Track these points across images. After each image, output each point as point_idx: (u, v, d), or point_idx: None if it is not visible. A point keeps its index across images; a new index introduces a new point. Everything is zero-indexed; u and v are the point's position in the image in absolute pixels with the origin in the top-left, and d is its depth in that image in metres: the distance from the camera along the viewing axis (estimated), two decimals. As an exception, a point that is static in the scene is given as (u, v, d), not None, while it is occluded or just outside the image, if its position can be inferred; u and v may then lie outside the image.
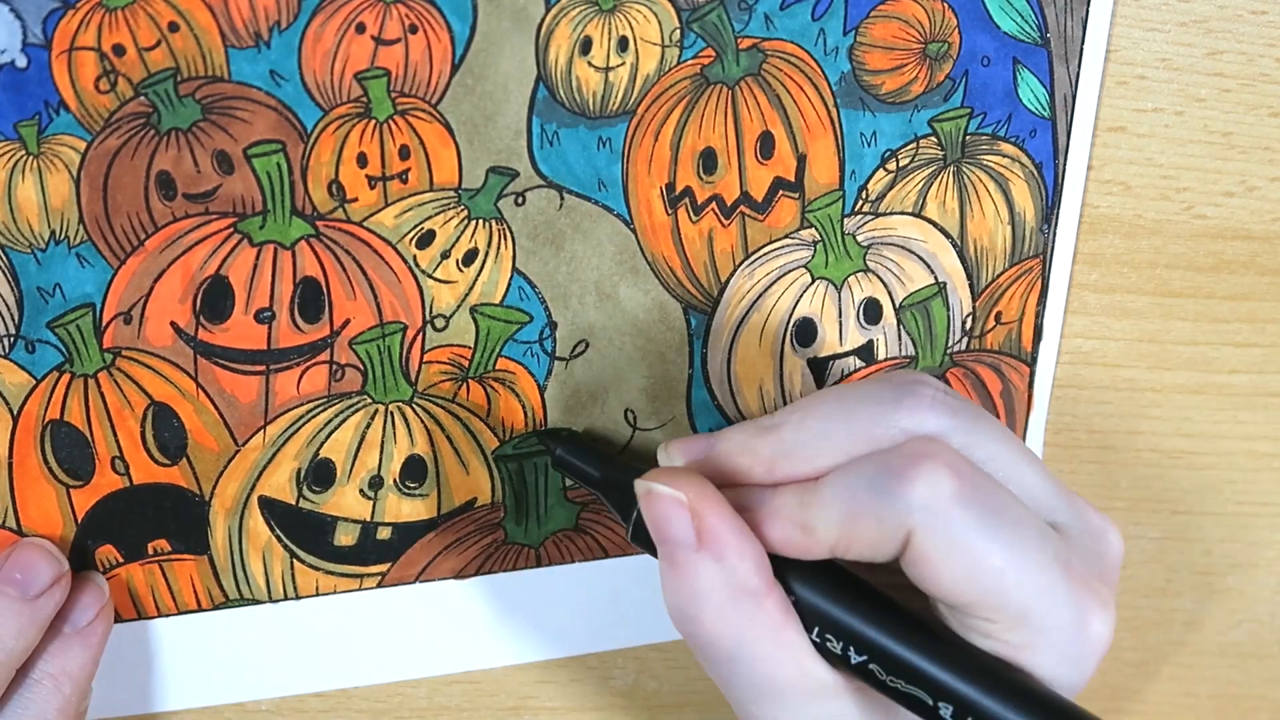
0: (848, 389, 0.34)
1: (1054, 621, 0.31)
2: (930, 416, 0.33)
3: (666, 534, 0.33)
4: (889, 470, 0.31)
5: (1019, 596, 0.31)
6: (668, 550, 0.33)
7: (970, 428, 0.33)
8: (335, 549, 0.39)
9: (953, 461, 0.31)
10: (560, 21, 0.36)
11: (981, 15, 0.39)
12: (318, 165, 0.35)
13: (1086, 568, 0.33)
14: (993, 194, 0.41)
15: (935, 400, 0.33)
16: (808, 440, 0.33)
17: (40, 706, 0.35)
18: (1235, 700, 0.53)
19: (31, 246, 0.34)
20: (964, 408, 0.33)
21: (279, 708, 0.42)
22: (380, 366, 0.38)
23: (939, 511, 0.31)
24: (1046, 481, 0.33)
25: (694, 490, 0.33)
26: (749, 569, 0.32)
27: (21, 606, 0.35)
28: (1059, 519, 0.33)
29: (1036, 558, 0.31)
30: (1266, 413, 0.47)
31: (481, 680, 0.44)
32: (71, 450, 0.36)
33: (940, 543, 0.31)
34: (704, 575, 0.32)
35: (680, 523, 0.33)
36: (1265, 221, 0.44)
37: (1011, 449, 0.33)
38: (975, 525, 0.31)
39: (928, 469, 0.31)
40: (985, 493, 0.31)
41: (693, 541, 0.33)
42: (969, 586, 0.31)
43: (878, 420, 0.33)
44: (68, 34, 0.32)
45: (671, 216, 0.39)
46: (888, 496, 0.31)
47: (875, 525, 0.31)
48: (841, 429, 0.33)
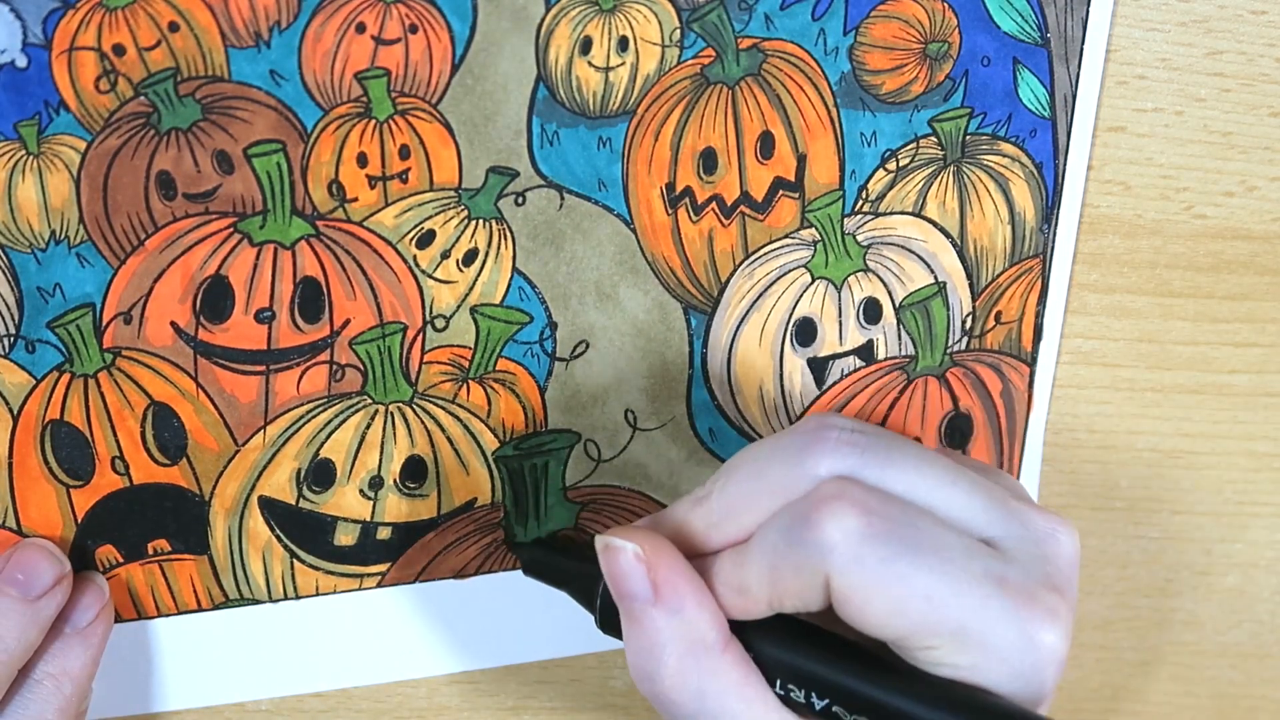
0: (761, 446, 0.34)
1: (996, 639, 0.31)
2: (836, 459, 0.33)
3: (624, 589, 0.33)
4: (798, 518, 0.32)
5: (952, 619, 0.31)
6: (626, 606, 0.33)
7: (883, 460, 0.33)
8: (335, 549, 0.39)
9: (859, 499, 0.31)
10: (560, 21, 0.36)
11: (981, 15, 0.39)
12: (318, 165, 0.35)
13: (1028, 578, 0.32)
14: (993, 194, 0.41)
15: (840, 441, 0.33)
16: (732, 504, 0.34)
17: (41, 706, 0.35)
18: (1235, 700, 0.53)
19: (31, 246, 0.34)
20: (874, 443, 0.33)
21: (279, 708, 0.42)
22: (380, 367, 0.38)
23: (850, 551, 0.31)
24: (975, 497, 0.33)
25: (649, 544, 0.33)
26: (707, 622, 0.33)
27: (23, 607, 0.35)
28: (994, 533, 0.33)
29: (963, 579, 0.31)
30: (1266, 413, 0.47)
31: (481, 680, 0.44)
32: (71, 450, 0.36)
33: (858, 581, 0.31)
34: (663, 629, 0.33)
35: (637, 576, 0.33)
36: (1265, 221, 0.44)
37: (931, 472, 0.33)
38: (890, 557, 0.31)
39: (832, 510, 0.31)
40: (897, 523, 0.31)
41: (650, 595, 0.33)
42: (898, 619, 0.31)
43: (789, 472, 0.33)
44: (68, 34, 0.32)
45: (671, 216, 0.39)
46: (800, 544, 0.31)
47: (795, 576, 0.32)
48: (759, 488, 0.33)
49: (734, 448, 0.42)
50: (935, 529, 0.32)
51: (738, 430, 0.41)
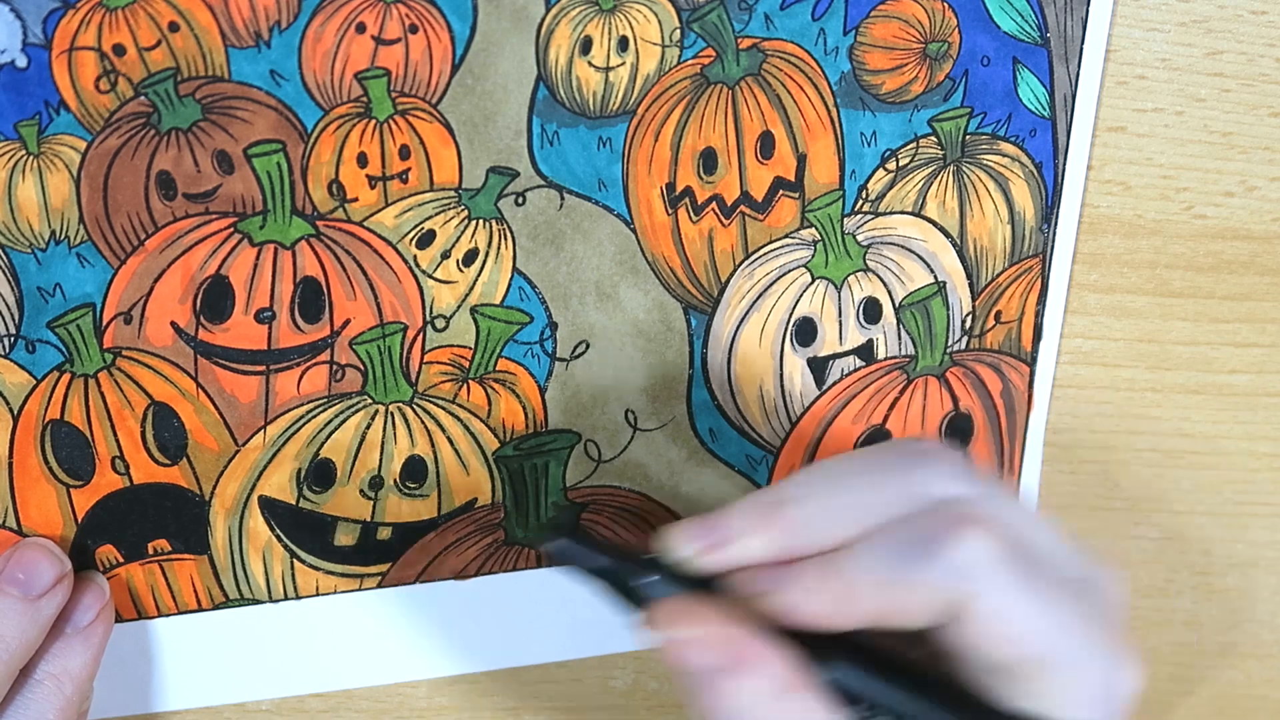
0: (862, 458, 0.34)
1: (1093, 675, 0.32)
2: (955, 483, 0.33)
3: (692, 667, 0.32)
4: (929, 535, 0.31)
5: (1062, 654, 0.31)
6: (697, 679, 0.32)
7: (992, 494, 0.33)
8: (335, 549, 0.39)
9: (993, 524, 0.32)
10: (560, 21, 0.36)
11: (981, 15, 0.39)
12: (318, 165, 0.35)
13: (1114, 620, 0.33)
14: (992, 193, 0.41)
15: (957, 467, 0.33)
16: (829, 512, 0.33)
17: (41, 706, 0.35)
18: (1235, 700, 0.53)
19: (32, 246, 0.34)
20: (981, 474, 0.33)
21: (279, 708, 0.42)
22: (380, 367, 0.38)
23: (985, 574, 0.31)
24: (1061, 541, 0.34)
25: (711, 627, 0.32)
26: (777, 674, 0.32)
27: (25, 607, 0.35)
28: (1084, 573, 0.33)
29: (1074, 615, 0.32)
30: (1266, 413, 0.47)
31: (481, 680, 0.44)
32: (72, 450, 0.36)
33: (991, 606, 0.31)
34: (743, 691, 0.32)
35: (705, 655, 0.32)
36: (1265, 221, 0.44)
37: (1029, 513, 0.34)
38: (1020, 586, 0.31)
39: (970, 532, 0.31)
40: (1025, 554, 0.32)
41: (721, 666, 0.32)
42: (1017, 648, 0.31)
43: (901, 489, 0.33)
44: (68, 34, 0.33)
45: (671, 216, 0.39)
46: (930, 560, 0.31)
47: (918, 591, 0.31)
48: (864, 500, 0.33)
49: (734, 448, 0.42)
50: (1049, 566, 0.32)
51: (738, 430, 0.41)
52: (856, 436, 0.43)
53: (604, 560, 0.36)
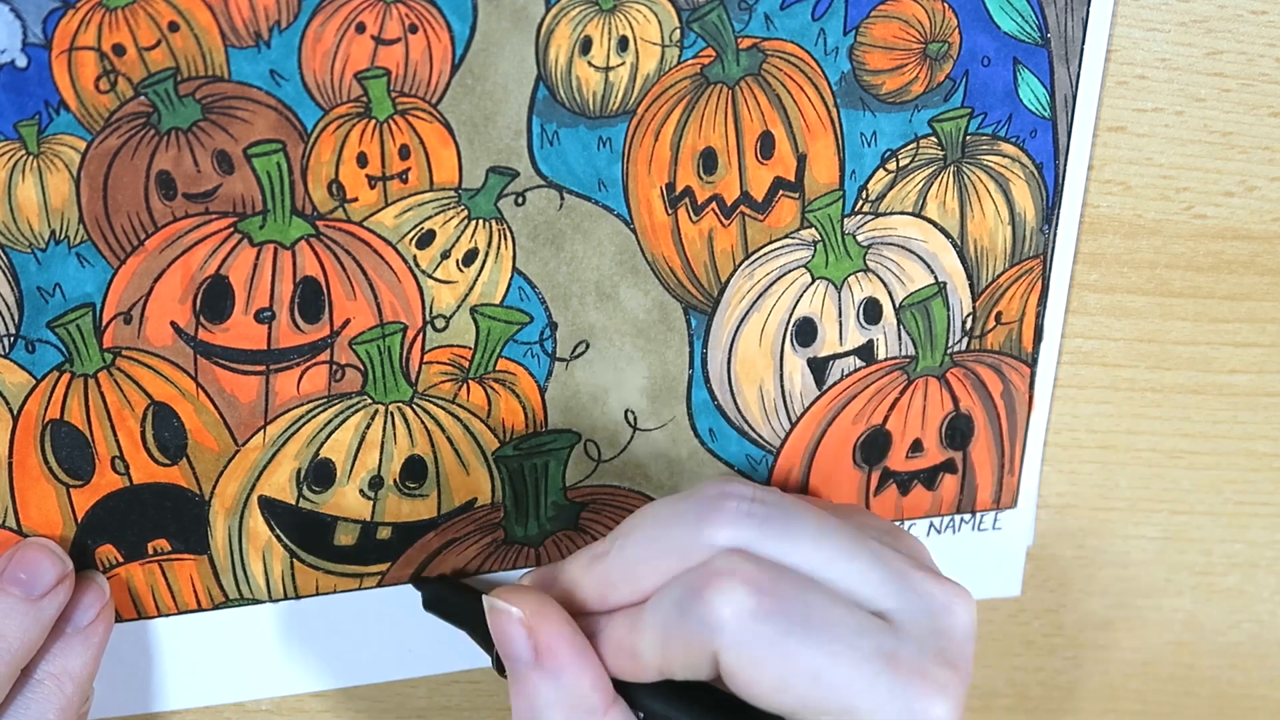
0: (662, 507, 0.34)
1: (883, 717, 0.31)
2: (734, 530, 0.33)
3: (507, 650, 0.34)
4: (690, 591, 0.32)
5: (840, 697, 0.31)
6: (510, 666, 0.34)
7: (780, 532, 0.33)
8: (335, 549, 0.39)
9: (751, 576, 0.32)
10: (560, 21, 0.36)
11: (982, 15, 0.39)
12: (318, 165, 0.35)
13: (920, 653, 0.32)
14: (993, 194, 0.41)
15: (739, 512, 0.33)
16: (629, 566, 0.34)
17: (42, 707, 0.35)
18: (1235, 700, 0.53)
19: (31, 246, 0.34)
20: (774, 513, 0.33)
21: (279, 708, 0.42)
22: (380, 367, 0.38)
23: (739, 627, 0.31)
24: (873, 570, 0.33)
25: (531, 607, 0.34)
26: (587, 686, 0.33)
27: (26, 607, 0.35)
28: (888, 605, 0.33)
29: (853, 657, 0.31)
30: (1266, 413, 0.47)
31: (481, 680, 0.44)
32: (71, 450, 0.36)
33: (746, 658, 0.31)
34: (542, 692, 0.33)
35: (519, 639, 0.34)
36: (1265, 221, 0.44)
37: (829, 544, 0.33)
38: (779, 636, 0.31)
39: (723, 587, 0.31)
40: (788, 601, 0.31)
41: (530, 658, 0.33)
42: (785, 696, 0.31)
43: (686, 538, 0.33)
44: (68, 34, 0.32)
45: (671, 216, 0.39)
46: (690, 618, 0.32)
47: (684, 647, 0.32)
48: (657, 551, 0.33)
49: (734, 448, 0.42)
50: (827, 605, 0.32)
51: (738, 430, 0.41)
52: (856, 437, 0.43)
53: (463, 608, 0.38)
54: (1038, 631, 0.50)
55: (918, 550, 0.36)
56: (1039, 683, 0.51)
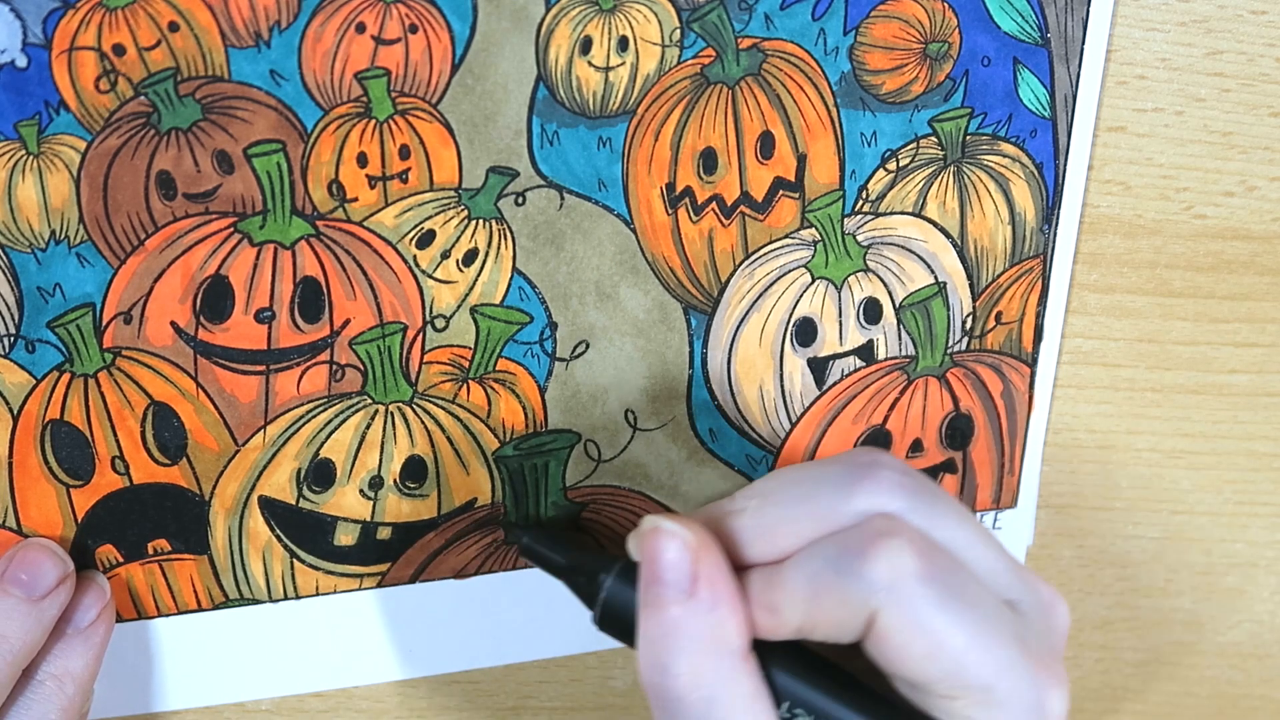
0: (806, 470, 0.34)
1: (1016, 699, 0.31)
2: (889, 498, 0.33)
3: (662, 574, 0.33)
4: (850, 550, 0.32)
5: (981, 675, 0.31)
6: (657, 593, 0.33)
7: (929, 509, 0.33)
8: (335, 549, 0.39)
9: (914, 539, 0.32)
10: (560, 21, 0.36)
11: (982, 15, 0.39)
12: (318, 165, 0.35)
13: (1041, 645, 0.33)
14: (993, 194, 0.41)
15: (893, 482, 0.33)
16: (769, 525, 0.33)
17: (44, 707, 0.35)
18: (1235, 700, 0.53)
19: (31, 246, 0.34)
20: (922, 488, 0.33)
21: (279, 708, 0.42)
22: (380, 367, 0.38)
23: (902, 589, 0.31)
24: (1001, 560, 0.34)
25: (699, 535, 0.33)
26: (735, 627, 0.32)
27: (28, 607, 0.35)
28: (1013, 596, 0.33)
29: (996, 637, 0.31)
30: (1266, 413, 0.47)
31: (481, 680, 0.44)
32: (71, 450, 0.36)
33: (904, 621, 0.31)
34: (691, 624, 0.32)
35: (680, 565, 0.32)
36: (1265, 221, 0.44)
37: (969, 529, 0.33)
38: (937, 604, 0.31)
39: (889, 547, 0.31)
40: (946, 571, 0.32)
41: (687, 586, 0.32)
42: (932, 665, 0.31)
43: (837, 503, 0.33)
44: (68, 34, 0.32)
45: (671, 216, 0.39)
46: (850, 576, 0.31)
47: (839, 605, 0.32)
48: (801, 513, 0.33)
49: (734, 448, 0.42)
50: (975, 584, 0.32)
51: (738, 430, 0.41)
52: (856, 437, 0.43)
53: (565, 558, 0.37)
54: (1038, 631, 0.50)
55: None
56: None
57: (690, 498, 0.42)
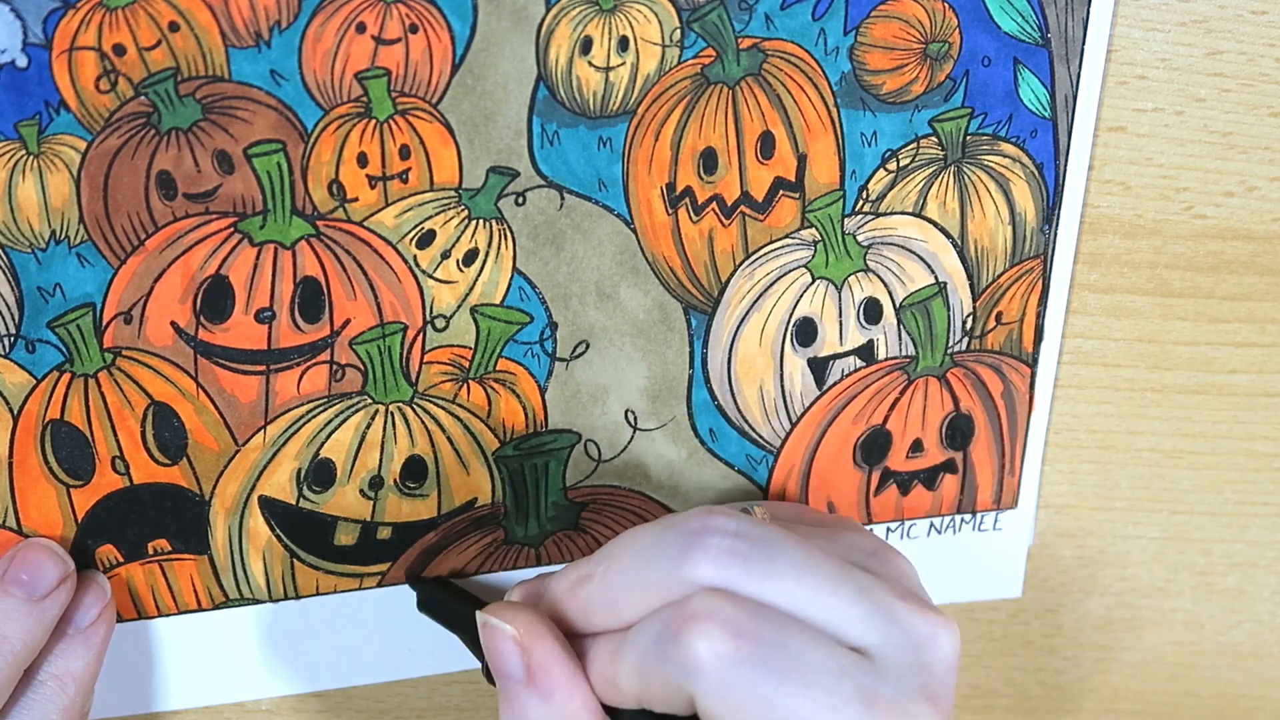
0: (645, 536, 0.34)
1: None
2: (715, 567, 0.32)
3: (499, 667, 0.34)
4: (669, 631, 0.32)
5: None
6: (502, 684, 0.34)
7: (764, 570, 0.32)
8: (335, 549, 0.39)
9: (730, 619, 0.31)
10: (560, 21, 0.36)
11: (982, 15, 0.39)
12: (318, 165, 0.35)
13: (900, 691, 0.32)
14: (993, 194, 0.41)
15: (722, 549, 0.32)
16: (611, 595, 0.34)
17: (45, 708, 0.35)
18: (1235, 700, 0.53)
19: (32, 246, 0.34)
20: (756, 549, 0.33)
21: (279, 708, 0.42)
22: (380, 367, 0.38)
23: (717, 673, 0.31)
24: (856, 605, 0.33)
25: (525, 626, 0.34)
26: (577, 707, 0.33)
27: (29, 608, 0.35)
28: (871, 641, 0.33)
29: (831, 700, 0.31)
30: (1266, 413, 0.47)
31: (481, 680, 0.44)
32: (72, 450, 0.36)
33: (723, 702, 0.31)
34: (532, 711, 0.33)
35: (510, 657, 0.33)
36: (1265, 221, 0.44)
37: (813, 582, 0.33)
38: (756, 682, 0.31)
39: (701, 630, 0.31)
40: (768, 645, 0.31)
41: (522, 677, 0.33)
42: None
43: (668, 573, 0.33)
44: (68, 34, 0.32)
45: (672, 216, 0.39)
46: (667, 658, 0.31)
47: (663, 685, 0.32)
48: (640, 581, 0.33)
49: (734, 448, 0.42)
50: (807, 647, 0.32)
51: (738, 430, 0.41)
52: (857, 437, 0.43)
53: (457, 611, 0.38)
54: (1038, 632, 0.50)
55: (906, 573, 0.36)
56: (1039, 683, 0.51)
57: (690, 498, 0.42)
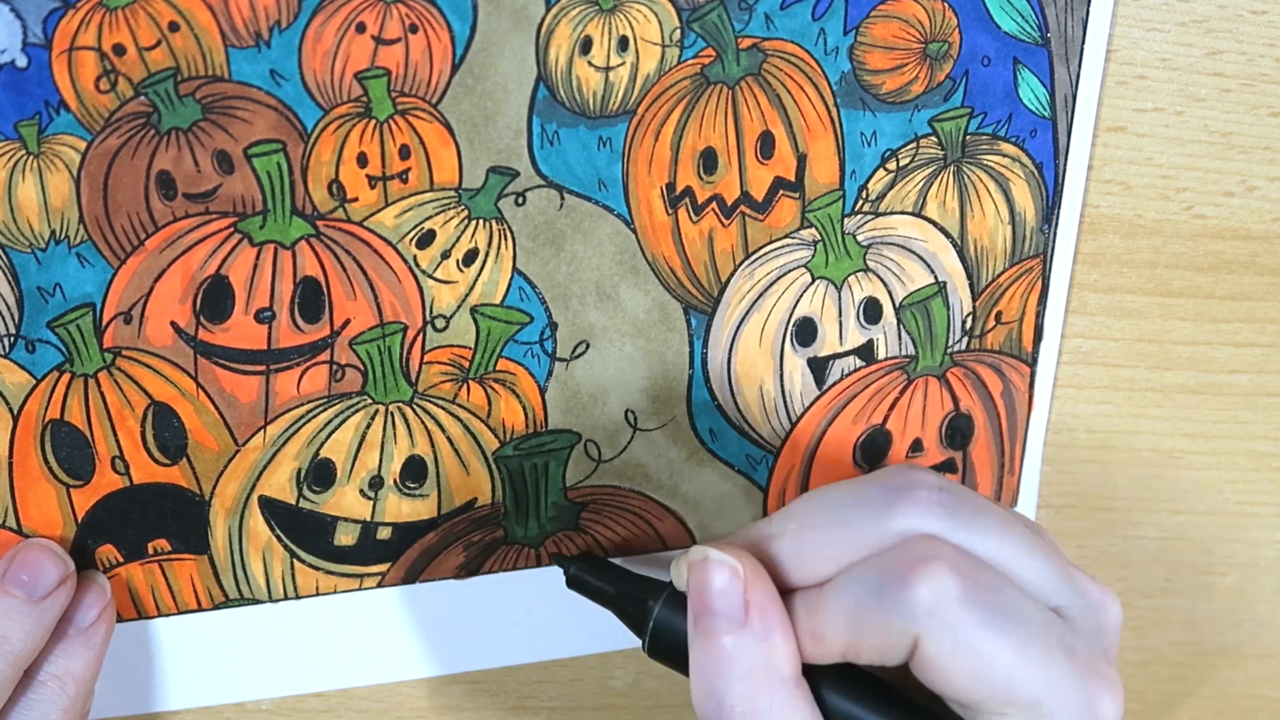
0: (840, 492, 0.34)
1: (1065, 709, 0.31)
2: (927, 518, 0.32)
3: (712, 605, 0.33)
4: (890, 575, 0.31)
5: (1029, 691, 0.31)
6: (708, 624, 0.33)
7: (969, 523, 0.33)
8: (335, 549, 0.39)
9: (954, 561, 0.31)
10: (560, 21, 0.36)
11: (982, 15, 0.39)
12: (318, 165, 0.35)
13: (1090, 649, 0.33)
14: (993, 194, 0.41)
15: (931, 501, 0.33)
16: (808, 550, 0.33)
17: (45, 708, 0.35)
18: (1235, 700, 0.53)
19: (32, 246, 0.34)
20: (961, 504, 0.33)
21: (279, 708, 0.42)
22: (380, 367, 0.38)
23: (944, 614, 0.31)
24: (1048, 564, 0.33)
25: (748, 563, 0.33)
26: (787, 655, 0.32)
27: (29, 608, 0.35)
28: (1061, 601, 0.33)
29: (1042, 650, 0.31)
30: (1266, 413, 0.47)
31: (481, 680, 0.44)
32: (71, 450, 0.36)
33: (948, 645, 0.31)
34: (743, 653, 0.32)
35: (731, 594, 0.32)
36: (1265, 221, 0.44)
37: (1012, 538, 0.33)
38: (981, 624, 0.31)
39: (930, 571, 0.31)
40: (989, 590, 0.31)
41: (739, 616, 0.32)
42: (979, 686, 0.31)
43: (874, 525, 0.33)
44: (68, 34, 0.32)
45: (672, 216, 0.39)
46: (891, 602, 0.31)
47: (881, 631, 0.31)
48: (839, 536, 0.33)
49: (734, 448, 0.42)
50: (1019, 599, 0.32)
51: (738, 430, 0.41)
52: (857, 437, 0.43)
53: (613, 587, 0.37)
54: (1038, 631, 0.50)
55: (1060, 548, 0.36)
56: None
57: (690, 498, 0.42)
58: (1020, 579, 0.33)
